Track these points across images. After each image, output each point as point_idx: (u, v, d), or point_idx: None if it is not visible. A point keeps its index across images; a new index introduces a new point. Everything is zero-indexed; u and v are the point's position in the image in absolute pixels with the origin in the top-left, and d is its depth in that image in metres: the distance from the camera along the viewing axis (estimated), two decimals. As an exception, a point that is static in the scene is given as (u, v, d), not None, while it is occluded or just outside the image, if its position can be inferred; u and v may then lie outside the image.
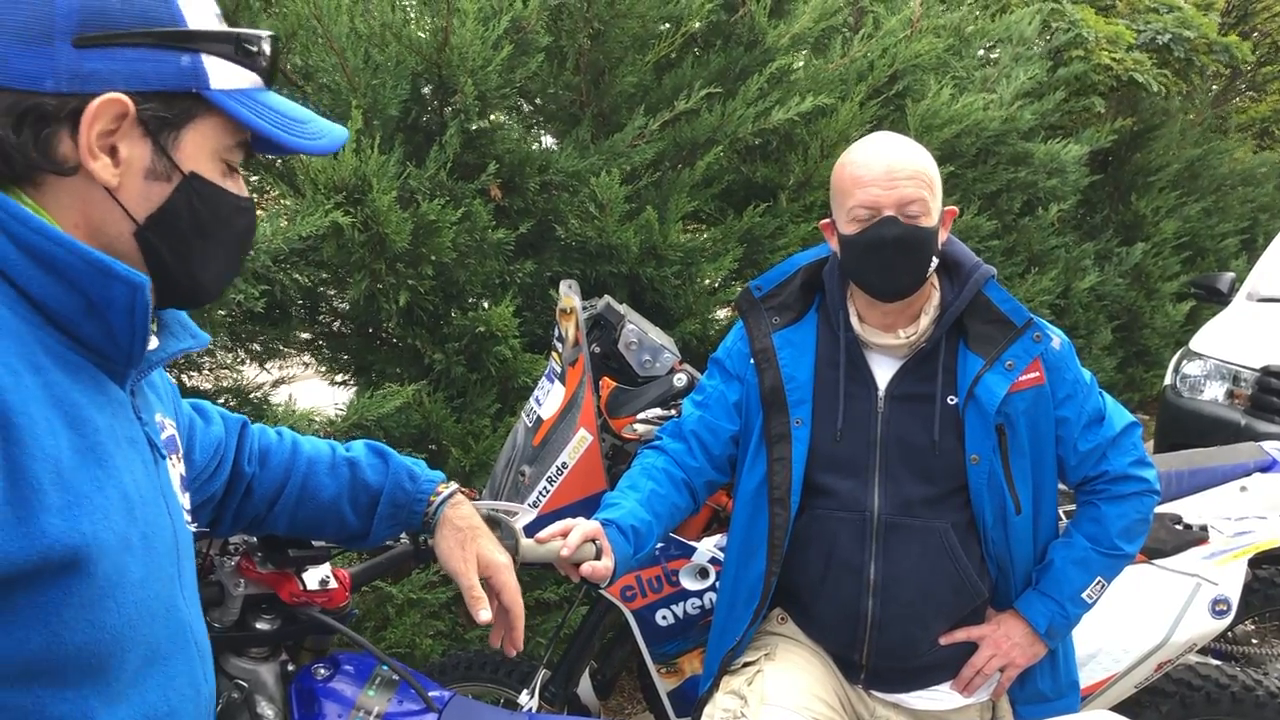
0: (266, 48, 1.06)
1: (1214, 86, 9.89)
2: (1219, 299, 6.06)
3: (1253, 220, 9.53)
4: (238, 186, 1.08)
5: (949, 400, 1.92)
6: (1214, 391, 5.13)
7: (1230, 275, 6.19)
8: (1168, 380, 5.39)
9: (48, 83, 0.93)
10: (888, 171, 1.84)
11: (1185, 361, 5.33)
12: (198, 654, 1.09)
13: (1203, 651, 3.05)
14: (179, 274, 1.04)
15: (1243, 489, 3.13)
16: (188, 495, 1.17)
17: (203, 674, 1.10)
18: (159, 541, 1.03)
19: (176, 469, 1.14)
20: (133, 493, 0.99)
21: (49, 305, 0.95)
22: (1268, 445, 3.26)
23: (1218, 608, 2.51)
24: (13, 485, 0.86)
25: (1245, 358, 5.10)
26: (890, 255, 1.85)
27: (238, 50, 1.02)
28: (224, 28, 1.02)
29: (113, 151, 0.97)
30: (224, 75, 1.01)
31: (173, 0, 0.98)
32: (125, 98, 0.95)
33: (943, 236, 1.94)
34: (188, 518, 1.14)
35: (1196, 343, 5.40)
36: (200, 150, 1.03)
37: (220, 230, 1.06)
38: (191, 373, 2.82)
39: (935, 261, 1.90)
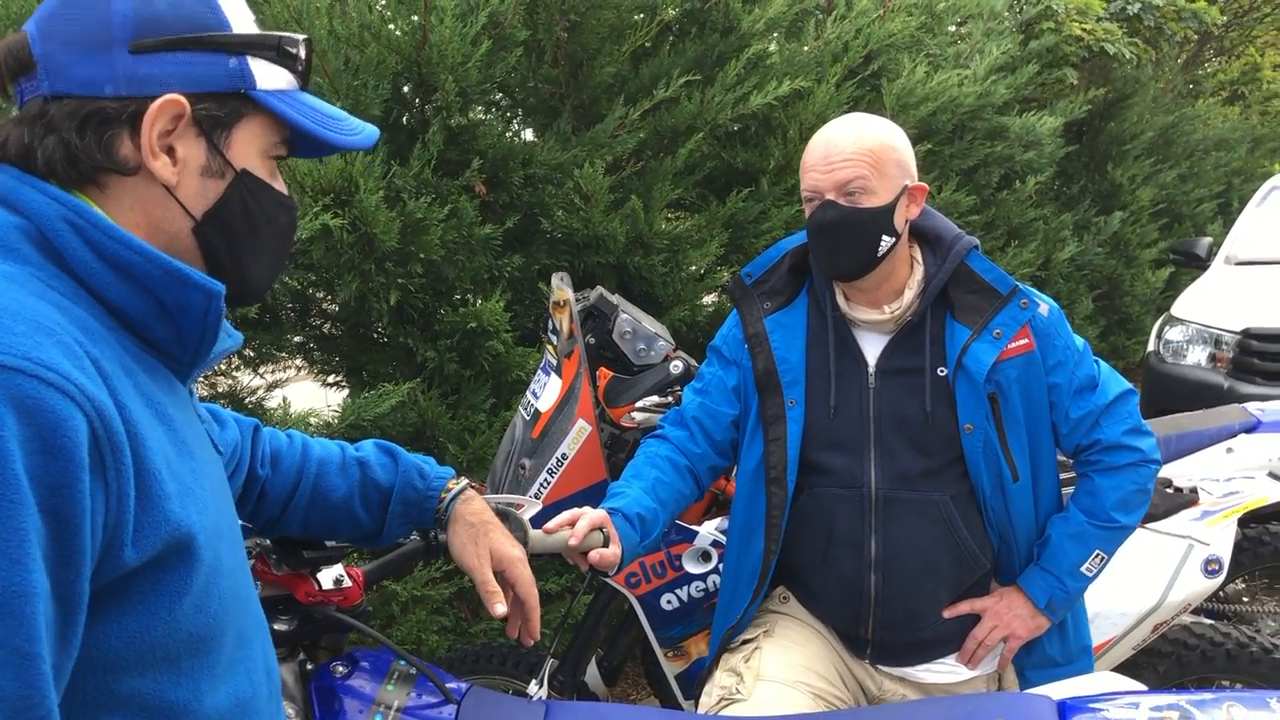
0: (303, 51, 1.10)
1: (1184, 53, 9.97)
2: (1198, 264, 6.13)
3: (1227, 184, 9.64)
4: (280, 185, 1.12)
5: (939, 372, 1.95)
6: (1197, 356, 5.20)
7: (1208, 240, 6.27)
8: (1151, 346, 5.45)
9: (108, 88, 0.98)
10: (825, 155, 1.88)
11: (1167, 327, 5.39)
12: (267, 638, 1.14)
13: (1196, 611, 3.10)
14: (233, 271, 1.08)
15: (1229, 450, 3.18)
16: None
17: (272, 657, 1.15)
18: (235, 531, 1.07)
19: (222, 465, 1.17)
20: (214, 484, 1.03)
21: (125, 310, 0.98)
22: (1251, 406, 3.31)
23: (1210, 567, 2.56)
24: (141, 479, 0.90)
25: (1226, 321, 5.17)
26: (833, 237, 1.89)
27: (279, 53, 1.07)
28: (263, 32, 1.07)
29: (170, 151, 1.01)
30: (268, 76, 1.06)
31: (218, 7, 1.04)
32: (182, 98, 1.00)
33: (911, 213, 1.96)
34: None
35: (1178, 308, 5.47)
36: (249, 148, 1.07)
37: (268, 227, 1.10)
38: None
39: (888, 240, 1.90)
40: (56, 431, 0.83)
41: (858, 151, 1.87)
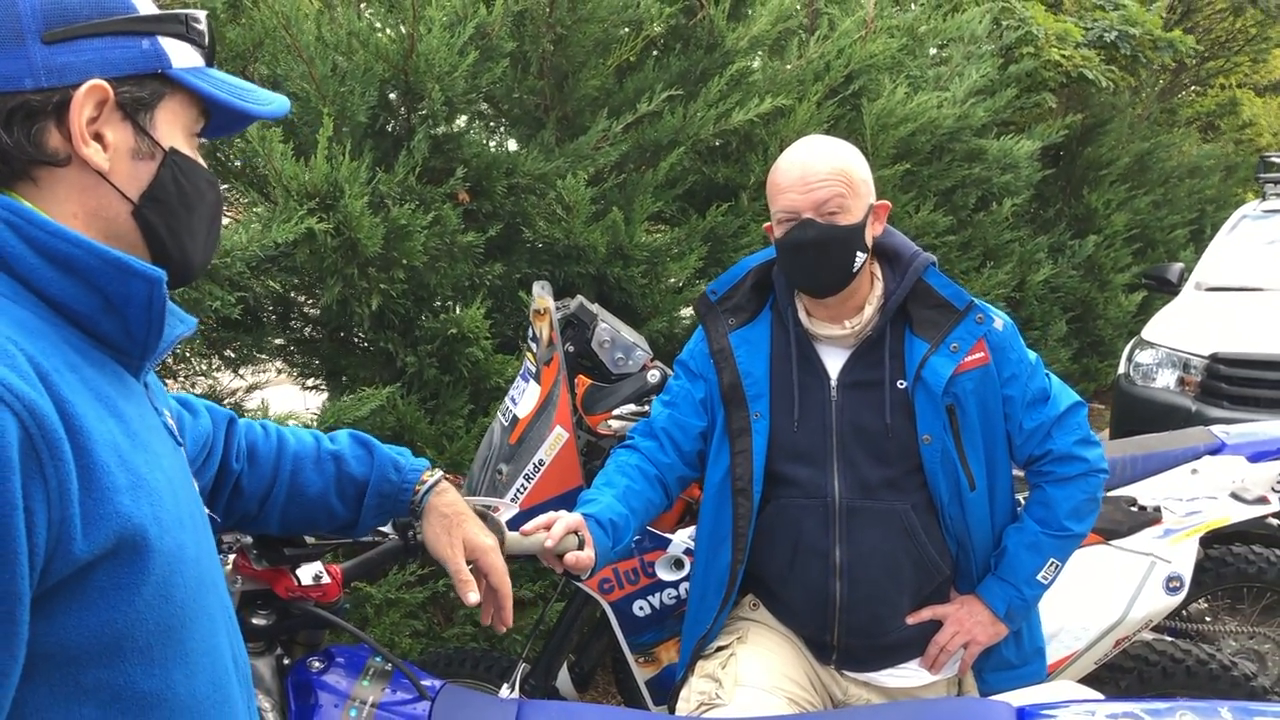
0: (205, 27, 1.11)
1: (1160, 81, 10.12)
2: (1169, 289, 6.22)
3: (1200, 211, 9.78)
4: (202, 160, 1.14)
5: (898, 384, 2.01)
6: (1166, 379, 5.28)
7: (1179, 266, 6.37)
8: (1121, 369, 5.53)
9: (27, 81, 0.97)
10: (802, 176, 1.94)
11: (1137, 350, 5.47)
12: (233, 626, 1.15)
13: (1159, 630, 3.16)
14: (174, 250, 1.09)
15: (1194, 471, 3.23)
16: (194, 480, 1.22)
17: (238, 644, 1.16)
18: (197, 520, 1.08)
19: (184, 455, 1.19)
20: (171, 475, 1.04)
21: (68, 305, 0.99)
22: (1216, 429, 3.37)
23: (1171, 584, 2.62)
24: (85, 473, 0.91)
25: (1195, 345, 5.25)
26: (812, 255, 1.95)
27: (187, 30, 1.08)
28: (168, 10, 1.08)
29: (99, 138, 1.02)
30: (180, 55, 1.07)
31: None
32: (105, 83, 1.00)
33: (876, 230, 2.03)
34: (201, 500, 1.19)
35: (1148, 332, 5.55)
36: (173, 127, 1.08)
37: (200, 203, 1.12)
38: (167, 380, 2.84)
39: (862, 256, 1.98)
40: None
41: (833, 172, 1.93)
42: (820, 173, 1.93)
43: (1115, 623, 2.58)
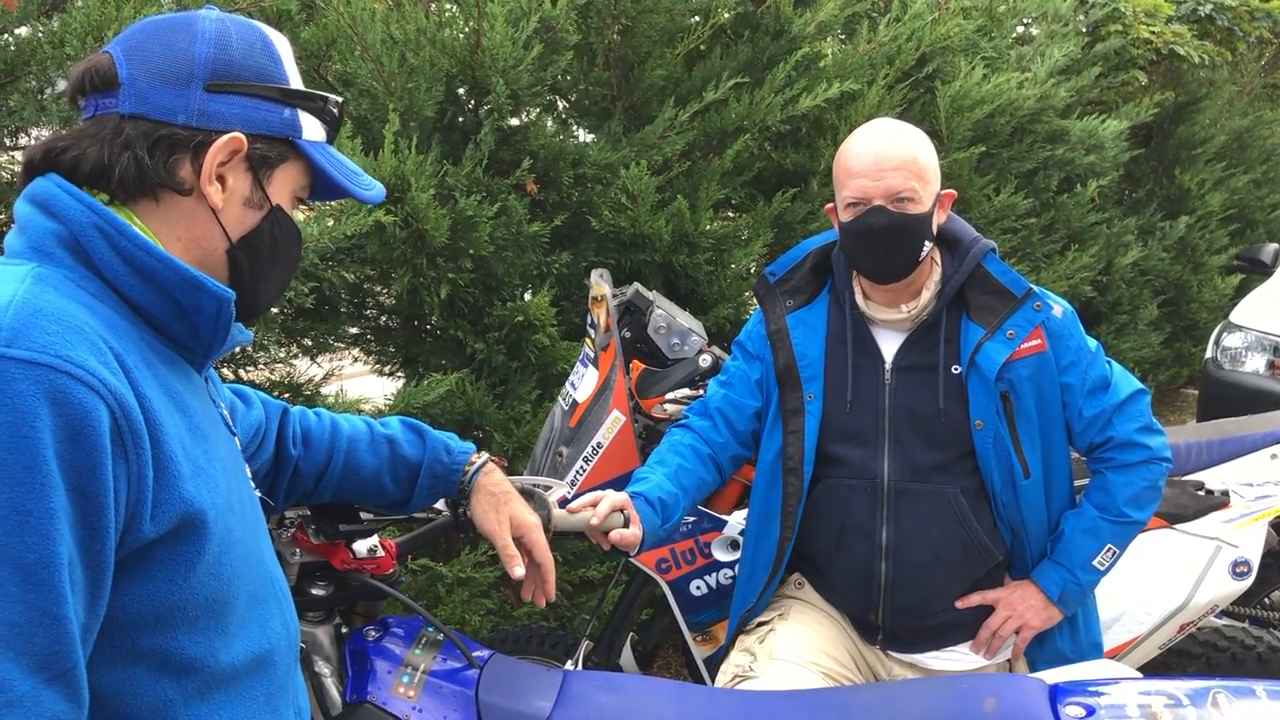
0: (337, 111, 1.27)
1: (1265, 54, 9.74)
2: (1262, 270, 6.03)
3: (1305, 190, 9.39)
4: (298, 224, 1.29)
5: (953, 369, 2.02)
6: (1255, 363, 5.13)
7: (1274, 246, 6.16)
8: (1208, 353, 5.38)
9: (180, 116, 1.13)
10: (876, 163, 1.94)
11: (1225, 334, 5.32)
12: (284, 598, 1.27)
13: (1234, 616, 3.09)
14: (249, 289, 1.23)
15: (1273, 456, 3.15)
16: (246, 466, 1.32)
17: (290, 614, 1.28)
18: (246, 503, 1.21)
19: (237, 443, 1.30)
20: (226, 463, 1.17)
21: (146, 308, 1.12)
22: (1300, 413, 3.28)
23: (1238, 570, 2.57)
24: (157, 461, 1.03)
25: (1286, 328, 5.09)
26: (880, 242, 1.96)
27: (323, 110, 1.24)
28: (314, 90, 1.23)
29: (222, 180, 1.16)
30: (311, 128, 1.23)
31: (281, 63, 1.21)
32: (243, 136, 1.15)
33: (940, 219, 2.04)
34: (252, 484, 1.31)
35: (1237, 315, 5.39)
36: (284, 188, 1.23)
37: (283, 258, 1.26)
38: (248, 367, 2.98)
39: (928, 245, 1.99)
40: (83, 421, 0.96)
41: (906, 161, 1.95)
42: (894, 160, 1.94)
43: (1179, 607, 2.55)
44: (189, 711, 1.09)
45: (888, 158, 1.94)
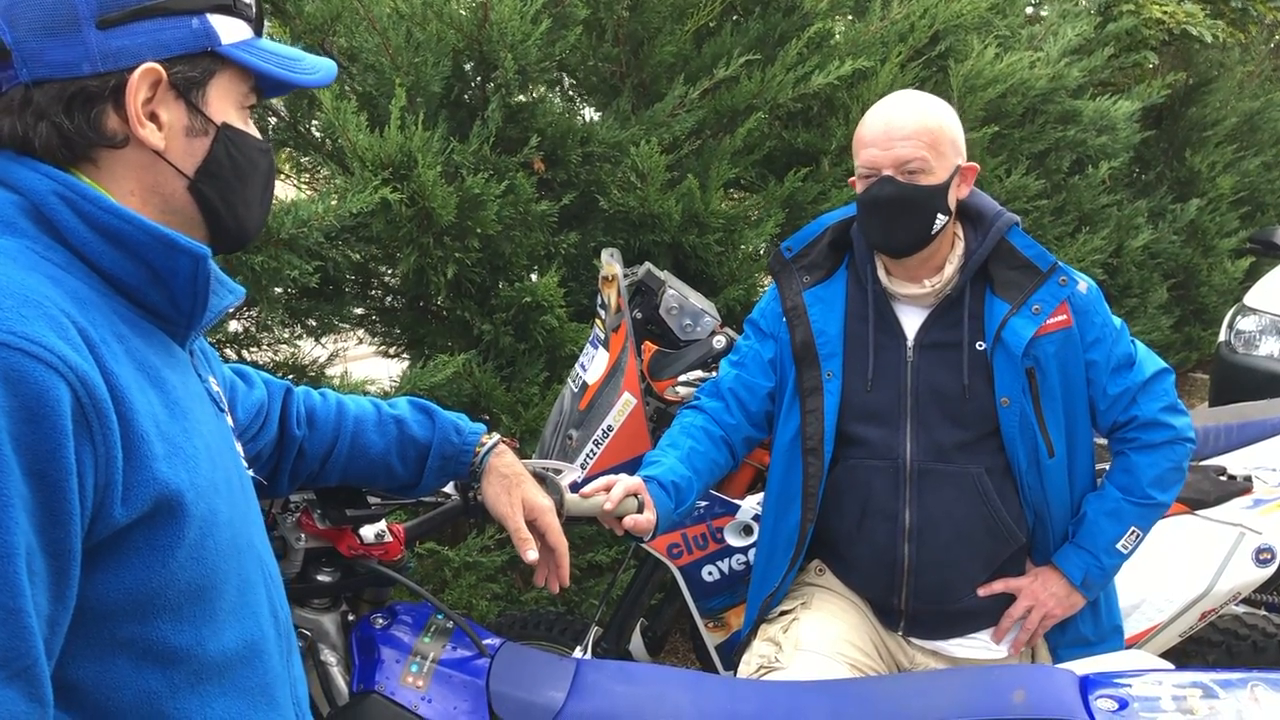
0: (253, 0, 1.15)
1: (1276, 36, 9.65)
2: (1276, 253, 5.97)
3: (1316, 173, 9.30)
4: (254, 131, 1.18)
5: (977, 346, 1.97)
6: (1269, 347, 5.07)
7: (1287, 229, 6.10)
8: (1222, 336, 5.33)
9: (85, 66, 1.01)
10: (886, 132, 1.91)
11: (1239, 317, 5.26)
12: (273, 584, 1.20)
13: (1259, 606, 3.04)
14: (229, 220, 1.14)
15: (1293, 441, 3.11)
16: (240, 445, 1.26)
17: (279, 601, 1.21)
18: (234, 484, 1.13)
19: (228, 421, 1.23)
20: (210, 442, 1.09)
21: (118, 277, 1.04)
22: (1320, 397, 3.24)
23: (1261, 556, 2.53)
24: (127, 442, 0.96)
25: (1301, 312, 5.04)
26: (888, 213, 1.92)
27: (235, 4, 1.11)
28: None
29: (154, 118, 1.06)
30: (228, 30, 1.10)
31: None
32: (158, 65, 1.04)
33: (962, 192, 1.99)
34: (245, 464, 1.24)
35: (1251, 298, 5.34)
36: (225, 102, 1.12)
37: (253, 172, 1.16)
38: (252, 348, 2.93)
39: (942, 219, 1.94)
40: (40, 401, 0.88)
41: (918, 130, 1.90)
42: (905, 130, 1.90)
43: (1200, 595, 2.50)
44: (178, 704, 1.03)
45: (898, 127, 1.90)
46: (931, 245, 1.96)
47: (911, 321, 2.03)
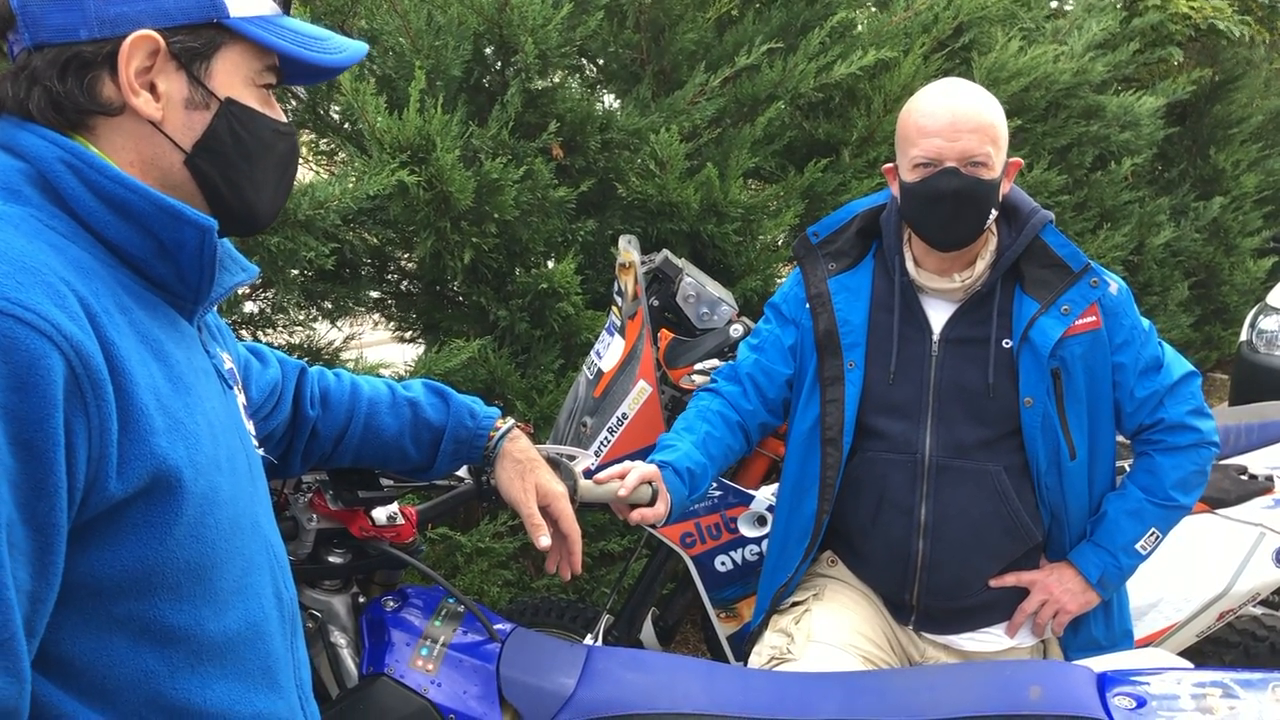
0: None
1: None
2: (1299, 253, 5.91)
3: (1342, 173, 9.21)
4: (275, 113, 1.14)
5: (1004, 343, 1.94)
6: (1292, 347, 5.03)
7: (1312, 228, 6.04)
8: (1243, 336, 5.29)
9: (82, 31, 1.00)
10: (952, 123, 1.85)
11: (1261, 316, 5.22)
12: (278, 565, 1.18)
13: (1277, 607, 3.01)
14: (233, 199, 1.11)
15: (1316, 441, 3.07)
16: (252, 423, 1.24)
17: (283, 583, 1.19)
18: (239, 462, 1.11)
19: (239, 399, 1.22)
20: (213, 418, 1.07)
21: (124, 248, 1.02)
22: (1343, 397, 3.20)
23: (1282, 557, 2.50)
24: (124, 415, 0.94)
25: (1324, 312, 4.99)
26: (949, 206, 1.87)
27: None
28: None
29: (152, 88, 1.03)
30: (242, 3, 1.07)
31: None
32: (154, 33, 1.01)
33: (1005, 188, 1.95)
34: (255, 442, 1.22)
35: (1273, 297, 5.29)
36: (233, 77, 1.08)
37: (264, 154, 1.12)
38: (267, 329, 2.93)
39: (994, 213, 1.91)
40: (31, 369, 0.87)
41: (982, 124, 1.86)
42: (971, 121, 1.85)
43: (1219, 594, 2.48)
44: (177, 684, 1.01)
45: (965, 118, 1.85)
46: (977, 240, 1.94)
47: (938, 315, 2.00)
